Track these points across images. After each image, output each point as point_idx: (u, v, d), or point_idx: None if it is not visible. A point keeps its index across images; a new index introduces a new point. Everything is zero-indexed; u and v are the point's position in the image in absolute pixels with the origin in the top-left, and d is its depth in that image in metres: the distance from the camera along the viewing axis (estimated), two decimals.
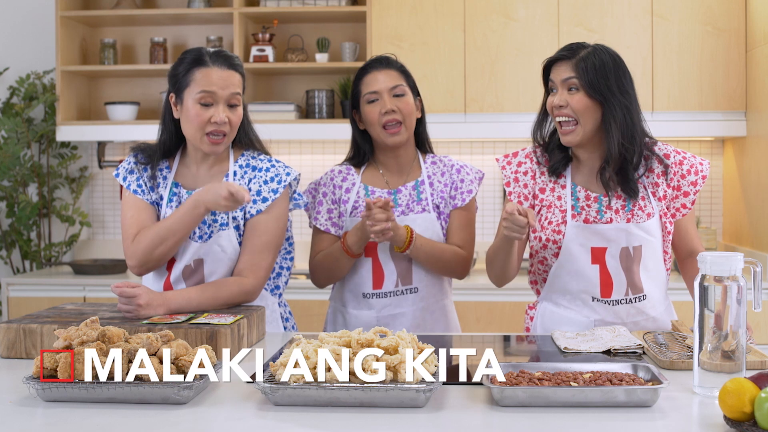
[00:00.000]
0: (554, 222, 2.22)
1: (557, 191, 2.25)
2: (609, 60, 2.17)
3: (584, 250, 2.19)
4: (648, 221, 2.19)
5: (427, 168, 2.51)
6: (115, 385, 1.56)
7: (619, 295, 2.21)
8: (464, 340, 2.26)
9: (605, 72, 2.14)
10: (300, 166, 4.48)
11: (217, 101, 2.20)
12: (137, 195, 2.29)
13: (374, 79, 2.43)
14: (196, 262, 2.27)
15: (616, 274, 2.19)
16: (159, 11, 4.33)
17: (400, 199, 2.47)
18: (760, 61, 3.78)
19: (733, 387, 1.39)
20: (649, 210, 2.20)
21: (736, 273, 1.60)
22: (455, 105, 4.06)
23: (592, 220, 2.21)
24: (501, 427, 1.46)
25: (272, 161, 2.32)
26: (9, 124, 4.22)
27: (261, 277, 2.25)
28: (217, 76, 2.20)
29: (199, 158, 2.31)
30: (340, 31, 4.45)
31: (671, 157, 2.23)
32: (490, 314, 3.83)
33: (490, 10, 4.05)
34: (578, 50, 2.18)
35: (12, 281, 4.06)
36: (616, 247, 2.18)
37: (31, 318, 2.06)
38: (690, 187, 2.22)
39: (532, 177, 2.29)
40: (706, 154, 4.37)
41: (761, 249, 3.77)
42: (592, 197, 2.22)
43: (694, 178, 2.22)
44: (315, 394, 1.53)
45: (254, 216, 2.25)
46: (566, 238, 2.19)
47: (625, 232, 2.18)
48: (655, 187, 2.21)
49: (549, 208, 2.25)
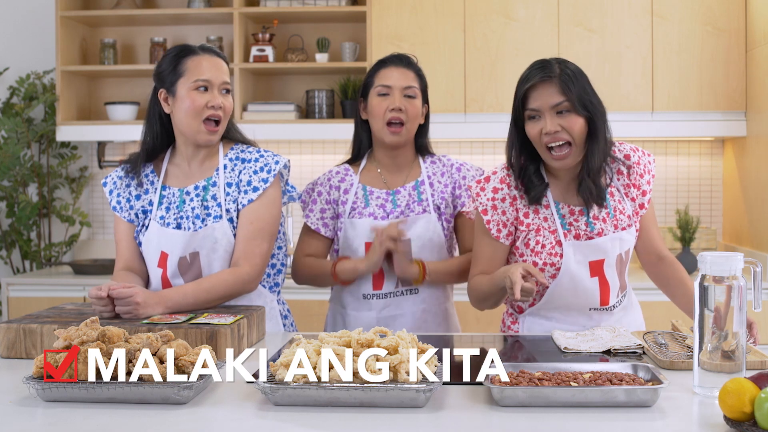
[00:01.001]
0: (548, 245, 2.16)
1: (542, 212, 2.18)
2: (579, 72, 2.11)
3: (583, 267, 2.16)
4: (632, 224, 2.20)
5: (427, 168, 2.50)
6: (116, 385, 1.56)
7: (614, 299, 2.22)
8: (464, 340, 2.26)
9: (584, 85, 2.09)
10: (300, 166, 4.48)
11: (212, 87, 2.25)
12: (116, 212, 2.36)
13: (390, 74, 2.43)
14: (192, 255, 2.27)
15: (612, 281, 2.20)
16: (159, 11, 4.33)
17: (399, 200, 2.46)
18: (760, 61, 3.78)
19: (733, 387, 1.39)
20: (628, 212, 2.20)
21: (736, 273, 1.60)
22: (455, 105, 4.06)
23: (583, 234, 2.17)
24: (501, 427, 1.46)
25: (260, 152, 2.33)
26: (9, 124, 4.22)
27: (257, 264, 2.25)
28: (208, 63, 2.27)
29: (189, 154, 2.32)
30: (340, 31, 4.45)
31: (631, 157, 2.22)
32: (490, 314, 3.81)
33: (490, 10, 4.05)
34: (551, 68, 2.09)
35: (12, 281, 4.06)
36: (613, 256, 2.18)
37: (31, 318, 2.06)
38: (647, 185, 2.23)
39: (511, 203, 2.19)
40: (706, 154, 4.37)
41: (761, 249, 3.77)
42: (576, 211, 2.18)
43: (648, 177, 2.23)
44: (315, 394, 1.53)
45: (246, 206, 2.27)
46: (565, 258, 2.14)
47: (618, 240, 2.18)
48: (627, 188, 2.22)
49: (538, 231, 2.18)
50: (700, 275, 1.62)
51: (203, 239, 2.26)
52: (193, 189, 2.30)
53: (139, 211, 2.34)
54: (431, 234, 2.43)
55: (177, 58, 2.27)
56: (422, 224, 2.42)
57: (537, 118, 2.10)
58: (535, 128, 2.10)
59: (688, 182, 4.38)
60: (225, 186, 2.28)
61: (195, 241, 2.26)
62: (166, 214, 2.30)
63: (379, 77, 2.44)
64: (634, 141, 2.31)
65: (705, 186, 4.39)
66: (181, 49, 2.29)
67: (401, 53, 2.50)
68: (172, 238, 2.27)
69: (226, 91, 2.29)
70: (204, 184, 2.30)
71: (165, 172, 2.35)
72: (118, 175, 2.39)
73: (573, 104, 2.06)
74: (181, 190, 2.31)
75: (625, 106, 3.99)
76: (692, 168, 4.38)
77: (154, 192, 2.34)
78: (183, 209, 2.29)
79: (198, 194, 2.29)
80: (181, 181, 2.33)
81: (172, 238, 2.27)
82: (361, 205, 2.46)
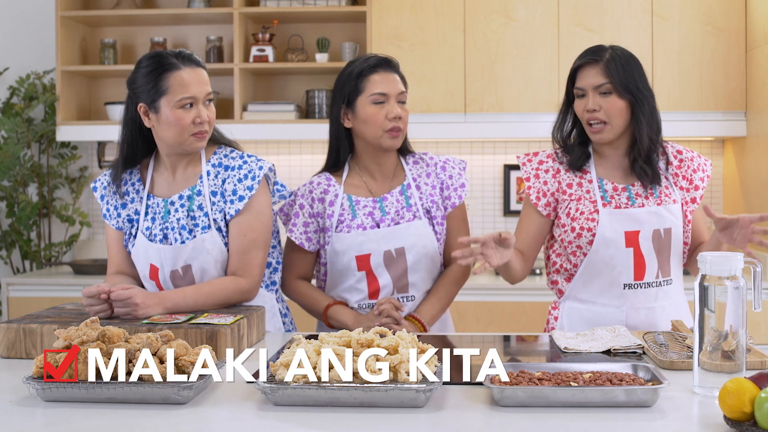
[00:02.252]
0: (586, 212, 2.27)
1: (585, 185, 2.31)
2: (631, 59, 2.26)
3: (618, 235, 2.24)
4: (675, 205, 2.29)
5: (411, 170, 2.44)
6: (116, 385, 1.56)
7: (650, 277, 2.27)
8: (464, 340, 2.26)
9: (632, 72, 2.24)
10: (300, 166, 4.48)
11: (197, 102, 2.20)
12: (105, 219, 2.36)
13: (384, 81, 2.35)
14: (184, 269, 2.25)
15: (649, 256, 2.25)
16: (159, 11, 4.33)
17: (387, 207, 2.38)
18: (760, 61, 3.78)
19: (733, 387, 1.39)
20: (674, 197, 2.30)
21: (736, 273, 1.60)
22: (455, 105, 4.06)
23: (624, 206, 2.27)
24: (501, 427, 1.46)
25: (243, 157, 2.28)
26: (9, 124, 4.22)
27: (255, 275, 2.24)
28: (191, 77, 2.19)
29: (172, 163, 2.28)
30: (340, 31, 4.45)
31: (683, 152, 2.37)
32: (490, 314, 3.83)
33: (490, 10, 4.05)
34: (601, 53, 2.25)
35: (12, 281, 4.06)
36: (648, 229, 2.25)
37: (31, 318, 2.06)
38: (699, 182, 2.35)
39: (554, 175, 2.33)
40: (706, 154, 4.36)
41: (761, 249, 3.77)
42: (619, 188, 2.29)
43: (702, 174, 2.36)
44: (315, 394, 1.53)
45: (234, 216, 2.24)
46: (600, 224, 2.24)
47: (656, 215, 2.26)
48: (675, 177, 2.33)
49: (579, 200, 2.29)
50: (700, 275, 1.62)
51: (193, 251, 2.23)
52: (178, 199, 2.26)
53: (125, 220, 2.32)
54: (425, 241, 2.36)
55: (156, 74, 2.18)
56: (414, 232, 2.35)
57: (583, 96, 2.27)
58: (580, 105, 2.28)
59: None
60: (210, 195, 2.24)
61: (185, 253, 2.23)
62: (152, 225, 2.27)
63: (373, 83, 2.34)
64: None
65: None
66: (158, 63, 2.19)
67: (384, 56, 2.40)
68: (159, 252, 2.24)
69: (209, 101, 2.23)
70: (188, 193, 2.26)
71: (150, 180, 2.31)
72: (107, 180, 2.36)
73: (615, 87, 2.22)
74: (165, 201, 2.27)
75: None
76: None
77: (140, 201, 2.30)
78: (168, 220, 2.26)
79: (183, 204, 2.25)
80: (165, 190, 2.29)
81: (160, 252, 2.24)
82: (348, 217, 2.37)
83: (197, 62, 2.24)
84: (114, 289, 2.05)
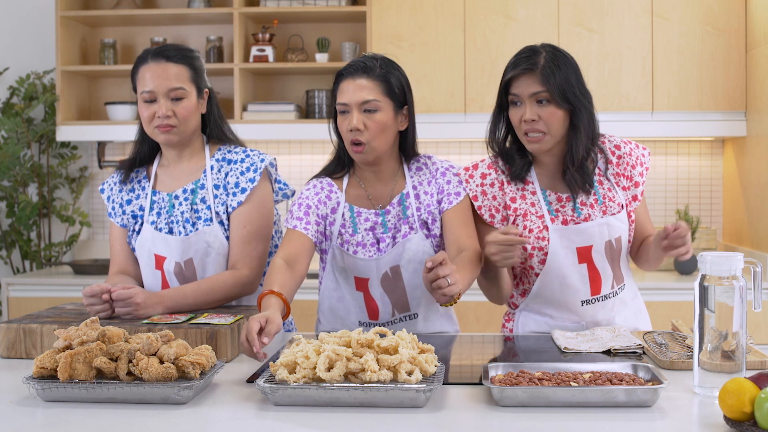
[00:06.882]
0: (535, 229, 2.18)
1: (528, 198, 2.21)
2: (566, 61, 2.13)
3: (570, 252, 2.17)
4: (622, 211, 2.21)
5: (412, 177, 2.28)
6: (115, 385, 1.56)
7: (606, 289, 2.22)
8: (464, 340, 2.26)
9: (568, 76, 2.11)
10: (300, 166, 4.48)
11: (157, 97, 2.23)
12: (110, 218, 2.38)
13: (346, 89, 2.17)
14: (187, 262, 2.27)
15: (603, 269, 2.20)
16: (159, 11, 4.33)
17: (389, 221, 2.25)
18: (760, 61, 3.78)
19: (733, 387, 1.39)
20: (619, 200, 2.21)
21: (736, 273, 1.60)
22: (455, 105, 4.06)
23: (570, 220, 2.19)
24: (501, 427, 1.46)
25: (246, 152, 2.32)
26: (9, 124, 4.22)
27: (255, 267, 2.25)
28: (151, 74, 2.23)
29: (173, 156, 2.33)
30: (340, 31, 4.45)
31: (621, 148, 2.25)
32: (490, 314, 3.82)
33: (490, 10, 4.05)
34: (536, 59, 2.12)
35: (12, 281, 4.06)
36: (600, 242, 2.18)
37: (31, 318, 2.06)
38: (639, 177, 2.25)
39: (500, 188, 2.23)
40: (706, 154, 4.37)
41: (761, 249, 3.77)
42: (563, 198, 2.21)
43: (641, 169, 2.25)
44: (315, 394, 1.53)
45: (236, 208, 2.26)
46: (551, 242, 2.16)
47: (606, 226, 2.18)
48: (617, 177, 2.23)
49: (525, 216, 2.20)
50: (700, 275, 1.62)
51: (196, 244, 2.26)
52: (182, 193, 2.30)
53: (129, 216, 2.34)
54: (422, 255, 2.23)
55: (134, 68, 2.29)
56: (411, 247, 2.23)
57: (518, 104, 2.14)
58: (516, 114, 2.15)
59: (688, 182, 4.39)
60: (213, 188, 2.28)
61: (189, 245, 2.26)
62: (157, 219, 2.30)
63: (339, 92, 2.19)
64: (634, 141, 2.32)
65: (705, 186, 4.39)
66: (138, 58, 2.29)
67: (363, 58, 2.22)
68: (166, 241, 2.27)
69: (176, 99, 2.23)
70: (192, 187, 2.30)
71: (155, 176, 2.35)
72: (114, 180, 2.41)
73: (552, 95, 2.09)
74: (170, 195, 2.30)
75: (625, 106, 3.99)
76: (692, 168, 4.38)
77: (145, 197, 2.33)
78: (173, 214, 2.28)
79: (187, 198, 2.29)
80: (169, 185, 2.33)
81: (166, 242, 2.27)
82: (348, 231, 2.23)
83: (169, 57, 2.26)
84: (115, 289, 2.06)
